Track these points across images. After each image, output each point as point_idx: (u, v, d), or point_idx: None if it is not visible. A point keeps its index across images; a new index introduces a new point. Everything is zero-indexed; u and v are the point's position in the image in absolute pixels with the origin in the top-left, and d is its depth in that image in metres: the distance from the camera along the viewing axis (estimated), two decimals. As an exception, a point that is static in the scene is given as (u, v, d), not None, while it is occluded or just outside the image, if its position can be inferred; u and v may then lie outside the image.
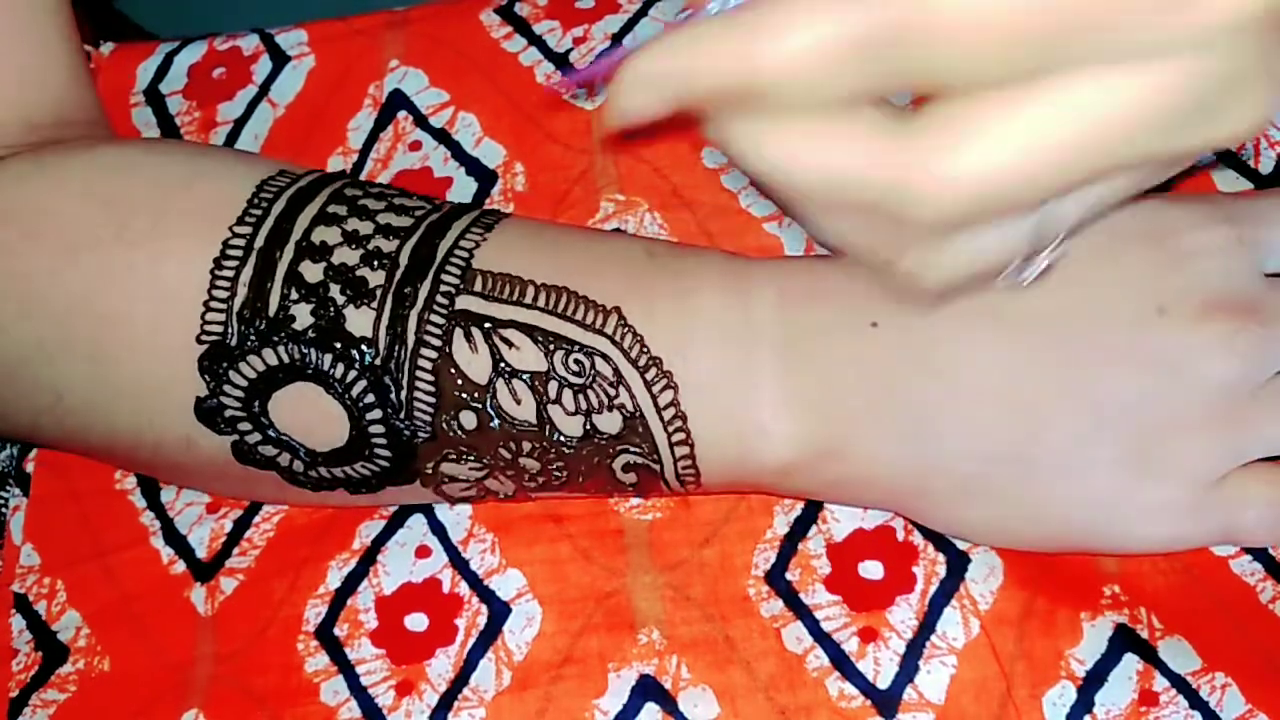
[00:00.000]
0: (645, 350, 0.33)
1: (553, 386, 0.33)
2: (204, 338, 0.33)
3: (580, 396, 0.33)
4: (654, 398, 0.33)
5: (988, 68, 0.22)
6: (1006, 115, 0.23)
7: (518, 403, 0.33)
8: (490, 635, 0.36)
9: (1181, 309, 0.32)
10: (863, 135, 0.24)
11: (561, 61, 0.44)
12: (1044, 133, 0.23)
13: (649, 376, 0.33)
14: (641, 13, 0.45)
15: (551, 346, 0.33)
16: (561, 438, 0.33)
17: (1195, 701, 0.33)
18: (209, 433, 0.34)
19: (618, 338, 0.33)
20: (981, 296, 0.32)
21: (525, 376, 0.33)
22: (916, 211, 0.24)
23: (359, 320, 0.33)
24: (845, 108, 0.24)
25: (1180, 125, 0.23)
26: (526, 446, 0.34)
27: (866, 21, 0.22)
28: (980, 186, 0.23)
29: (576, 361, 0.33)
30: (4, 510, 0.41)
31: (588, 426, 0.33)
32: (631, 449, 0.34)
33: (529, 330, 0.33)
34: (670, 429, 0.33)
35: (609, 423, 0.33)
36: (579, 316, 0.33)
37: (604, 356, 0.33)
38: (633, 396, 0.33)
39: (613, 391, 0.33)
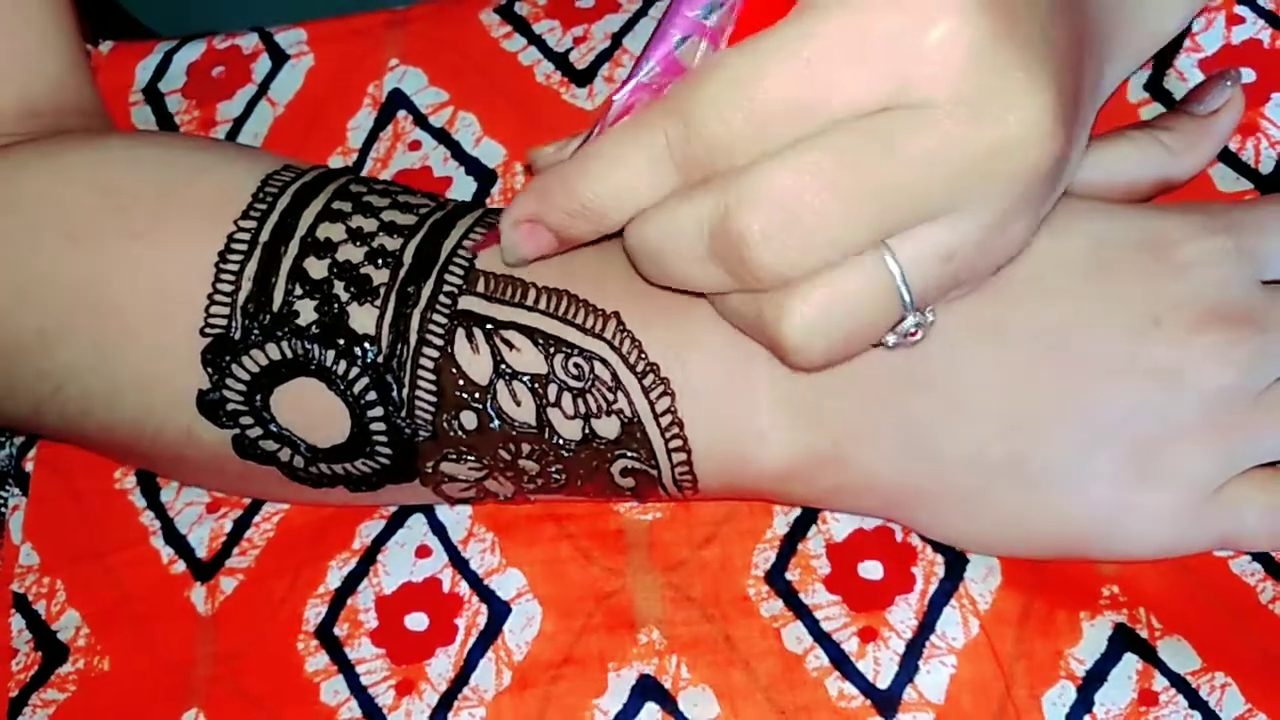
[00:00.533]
0: (643, 356, 0.33)
1: (552, 389, 0.33)
2: (207, 330, 0.33)
3: (579, 400, 0.33)
4: (651, 404, 0.33)
5: (748, 148, 0.28)
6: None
7: (518, 404, 0.33)
8: (490, 635, 0.36)
9: (1178, 320, 0.32)
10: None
11: (561, 61, 0.44)
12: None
13: (646, 383, 0.33)
14: (641, 12, 0.45)
15: (552, 349, 0.33)
16: (560, 441, 0.33)
17: (1195, 701, 0.33)
18: (210, 426, 0.34)
19: (616, 343, 0.33)
20: (977, 309, 0.32)
21: (525, 378, 0.33)
22: (724, 162, 0.28)
23: (362, 317, 0.33)
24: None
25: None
26: (526, 448, 0.34)
27: (660, 140, 0.28)
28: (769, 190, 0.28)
29: (576, 365, 0.33)
30: (3, 510, 0.41)
31: (586, 430, 0.33)
32: (629, 454, 0.34)
33: (530, 332, 0.33)
34: (667, 435, 0.33)
35: (607, 427, 0.33)
36: (579, 320, 0.33)
37: (603, 361, 0.33)
38: (631, 402, 0.33)
39: (611, 397, 0.33)
